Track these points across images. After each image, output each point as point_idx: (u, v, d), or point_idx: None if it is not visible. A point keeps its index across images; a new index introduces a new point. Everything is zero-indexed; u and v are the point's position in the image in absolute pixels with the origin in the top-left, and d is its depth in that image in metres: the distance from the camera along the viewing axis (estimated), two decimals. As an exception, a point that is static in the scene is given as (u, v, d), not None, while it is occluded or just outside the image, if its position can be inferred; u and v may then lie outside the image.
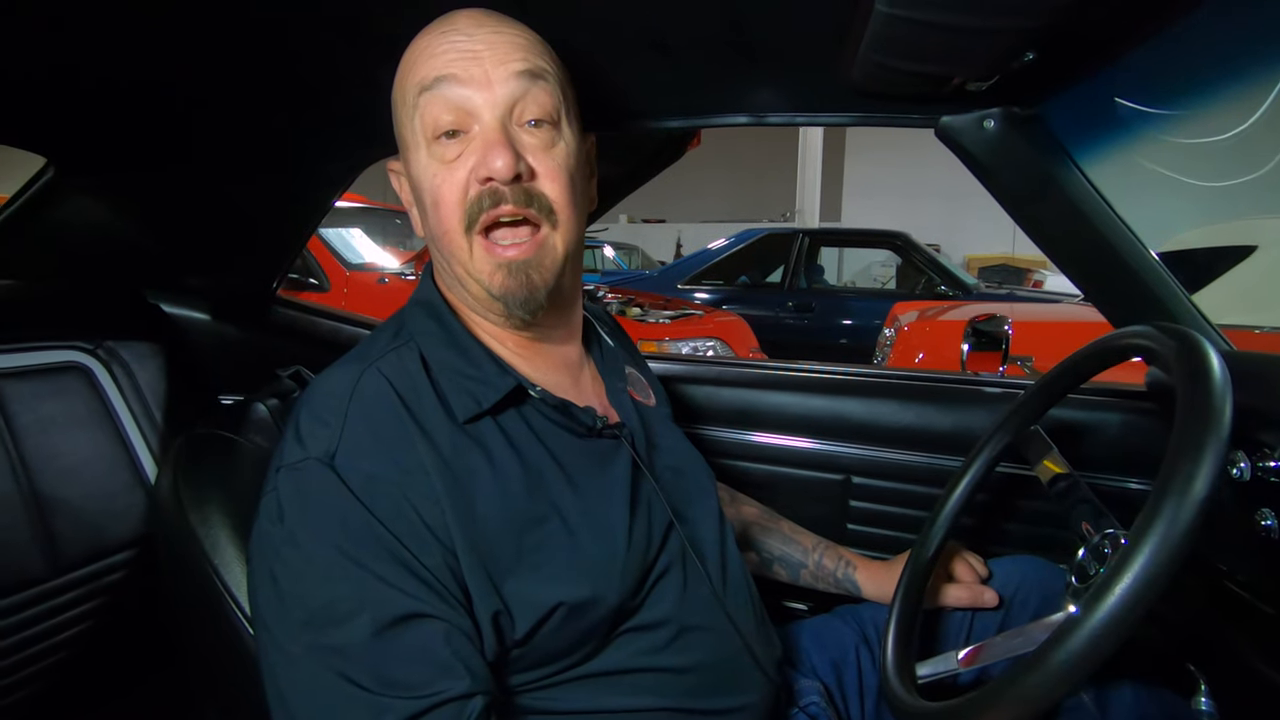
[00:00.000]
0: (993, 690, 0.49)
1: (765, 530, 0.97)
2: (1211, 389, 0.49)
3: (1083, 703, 0.80)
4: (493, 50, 0.60)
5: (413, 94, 0.61)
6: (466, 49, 0.60)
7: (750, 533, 0.97)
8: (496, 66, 0.60)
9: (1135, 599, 0.43)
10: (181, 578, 0.67)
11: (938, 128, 0.85)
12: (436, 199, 0.61)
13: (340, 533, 0.52)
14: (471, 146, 0.60)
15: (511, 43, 0.61)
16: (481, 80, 0.59)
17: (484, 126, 0.60)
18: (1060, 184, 0.83)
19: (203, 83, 0.83)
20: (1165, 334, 0.59)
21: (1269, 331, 2.23)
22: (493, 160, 0.58)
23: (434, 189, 0.61)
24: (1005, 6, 0.55)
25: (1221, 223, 3.11)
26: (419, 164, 0.62)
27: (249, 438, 0.76)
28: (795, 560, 0.94)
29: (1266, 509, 0.67)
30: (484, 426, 0.61)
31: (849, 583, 0.91)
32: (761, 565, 0.96)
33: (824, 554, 0.93)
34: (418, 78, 0.61)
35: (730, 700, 0.66)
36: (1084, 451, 0.98)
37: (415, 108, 0.61)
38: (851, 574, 0.91)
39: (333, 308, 1.45)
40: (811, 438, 1.14)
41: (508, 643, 0.56)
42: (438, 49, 0.60)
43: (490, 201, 0.60)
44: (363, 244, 3.66)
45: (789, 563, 0.95)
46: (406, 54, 0.64)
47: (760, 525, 0.97)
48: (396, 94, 0.64)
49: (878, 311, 4.31)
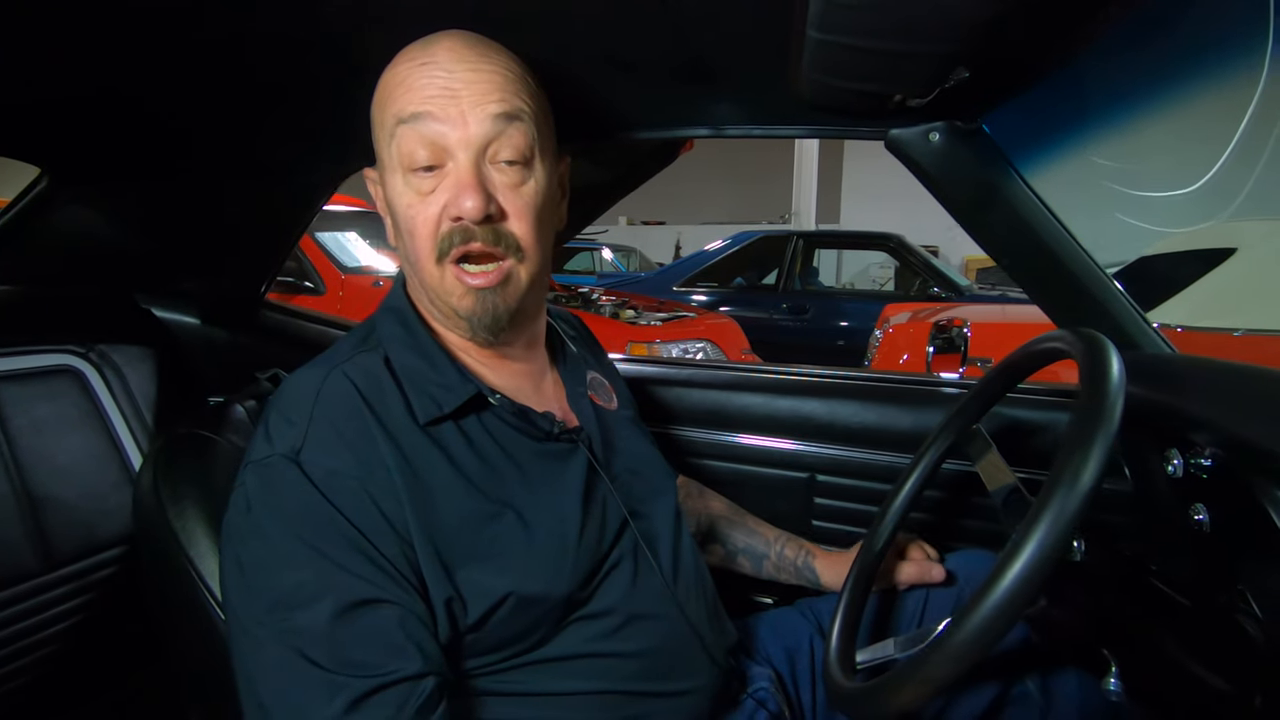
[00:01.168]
0: (904, 670, 0.52)
1: (731, 524, 1.01)
2: (1105, 389, 0.52)
3: (1028, 691, 0.83)
4: (470, 89, 0.62)
5: (390, 123, 0.63)
6: (445, 86, 0.62)
7: (717, 526, 1.01)
8: (474, 107, 0.62)
9: (1024, 583, 0.47)
10: (161, 572, 0.71)
11: (887, 140, 0.89)
12: (411, 228, 0.64)
13: (303, 523, 0.56)
14: (445, 183, 0.63)
15: (489, 81, 0.63)
16: (458, 120, 0.62)
17: (458, 165, 0.62)
18: (1004, 193, 0.87)
19: (191, 97, 0.87)
20: (1077, 337, 0.62)
21: (1246, 334, 2.27)
22: (464, 201, 0.61)
23: (409, 219, 0.64)
24: (925, 33, 0.58)
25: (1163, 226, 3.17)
26: (395, 188, 0.65)
27: (227, 437, 0.80)
28: (759, 552, 0.98)
29: (1199, 504, 0.71)
30: (445, 429, 0.65)
31: (808, 571, 0.95)
32: (727, 558, 1.00)
33: (785, 545, 0.97)
34: (395, 108, 0.63)
35: (677, 684, 0.70)
36: (1026, 447, 1.02)
37: (393, 136, 0.63)
38: (811, 563, 0.95)
39: (320, 312, 1.49)
40: (777, 437, 1.17)
41: (461, 628, 0.59)
42: (416, 82, 0.62)
43: (460, 239, 0.63)
44: (358, 247, 3.70)
45: (753, 554, 0.99)
46: (386, 77, 0.66)
47: (726, 519, 1.01)
48: (375, 115, 0.67)
49: (872, 313, 4.34)
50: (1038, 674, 0.82)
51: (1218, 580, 0.68)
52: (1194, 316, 2.42)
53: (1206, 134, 3.48)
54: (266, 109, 0.93)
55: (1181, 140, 3.93)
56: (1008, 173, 0.87)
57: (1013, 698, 0.82)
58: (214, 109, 0.91)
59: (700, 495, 1.05)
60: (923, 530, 0.99)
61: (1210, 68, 3.60)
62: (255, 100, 0.90)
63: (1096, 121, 0.73)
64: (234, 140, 1.02)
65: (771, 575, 0.98)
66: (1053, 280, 0.91)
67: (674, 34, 0.70)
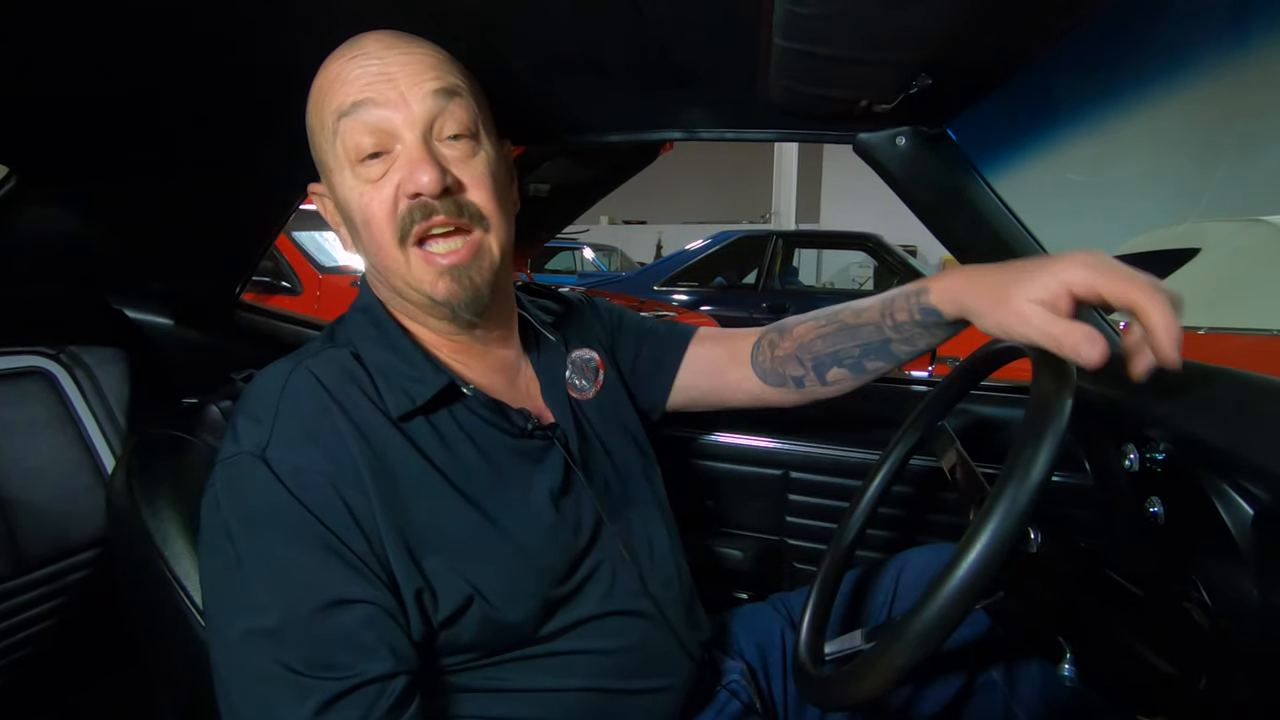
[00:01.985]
0: (866, 659, 0.54)
1: (830, 339, 0.80)
2: (1056, 386, 0.54)
3: (993, 679, 0.86)
4: (405, 70, 0.62)
5: (331, 119, 0.63)
6: (379, 71, 0.62)
7: (818, 350, 0.80)
8: (412, 86, 0.62)
9: (978, 572, 0.48)
10: (136, 574, 0.70)
11: (855, 144, 0.91)
12: (366, 217, 0.63)
13: (272, 522, 0.56)
14: (396, 165, 0.62)
15: (422, 62, 0.63)
16: (398, 101, 0.62)
17: (406, 145, 0.62)
18: (967, 195, 0.89)
19: (162, 96, 0.86)
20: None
21: (1209, 332, 2.33)
22: (419, 176, 0.61)
23: (363, 208, 0.63)
24: (885, 42, 0.60)
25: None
26: (345, 186, 0.64)
27: (202, 438, 0.79)
28: (876, 343, 0.76)
29: (1154, 497, 0.73)
30: (417, 424, 0.65)
31: (931, 315, 0.70)
32: (853, 375, 0.80)
33: (891, 311, 0.74)
34: (335, 104, 0.62)
35: (655, 680, 0.71)
36: (988, 442, 1.05)
37: (335, 133, 0.63)
38: (925, 302, 0.70)
39: (295, 312, 1.48)
40: (753, 434, 1.19)
41: (434, 623, 0.60)
42: (350, 74, 0.62)
43: (421, 214, 0.62)
44: (335, 247, 3.67)
45: (874, 351, 0.77)
46: (318, 80, 0.65)
47: (823, 336, 0.80)
48: (313, 120, 0.66)
49: (850, 312, 4.37)
50: (1002, 663, 0.84)
51: (1172, 570, 0.71)
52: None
53: (1164, 139, 3.64)
54: (239, 108, 0.92)
55: (1138, 145, 4.11)
56: (971, 175, 0.90)
57: (978, 686, 0.85)
58: (186, 108, 0.91)
59: (783, 338, 0.84)
60: (891, 525, 1.01)
61: (1161, 76, 3.78)
62: (229, 101, 0.90)
63: (1052, 128, 0.75)
64: (208, 140, 1.02)
65: (908, 353, 0.76)
66: None
67: (646, 38, 0.71)
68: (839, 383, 0.82)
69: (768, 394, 0.87)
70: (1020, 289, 0.58)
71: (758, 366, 0.86)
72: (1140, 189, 4.87)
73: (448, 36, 0.68)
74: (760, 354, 0.86)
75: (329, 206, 0.70)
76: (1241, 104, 4.81)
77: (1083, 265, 0.56)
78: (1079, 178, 4.28)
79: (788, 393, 0.86)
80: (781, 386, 0.85)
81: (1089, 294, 0.56)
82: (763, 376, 0.86)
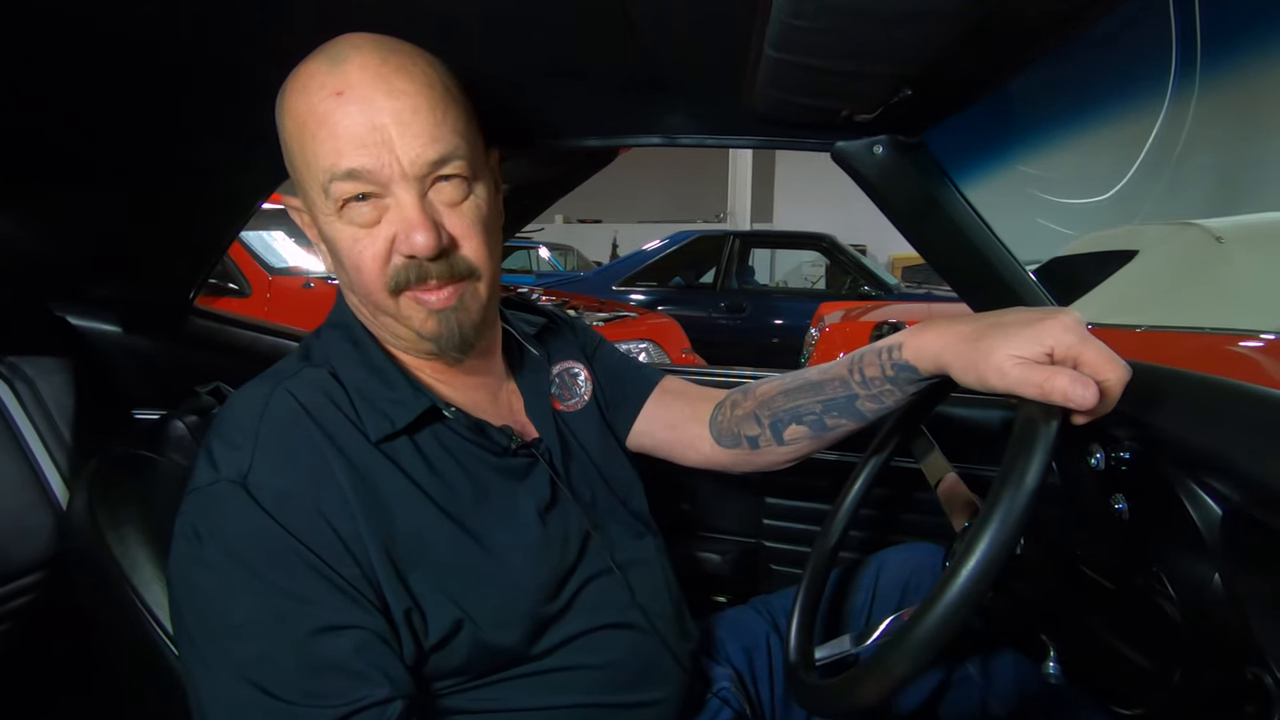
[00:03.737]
0: (868, 665, 0.55)
1: (792, 394, 0.78)
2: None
3: (969, 674, 0.88)
4: (399, 127, 0.58)
5: (321, 176, 0.59)
6: (371, 125, 0.57)
7: (780, 408, 0.79)
8: (407, 149, 0.58)
9: (978, 578, 0.50)
10: (99, 600, 0.67)
11: (833, 151, 0.92)
12: (357, 265, 0.61)
13: (257, 551, 0.54)
14: (389, 217, 0.60)
15: (415, 115, 0.59)
16: (392, 164, 0.58)
17: (400, 201, 0.59)
18: (941, 203, 0.92)
19: (97, 94, 0.81)
20: None
21: (1148, 330, 2.45)
22: (415, 237, 0.59)
23: (353, 255, 0.61)
24: (877, 56, 0.61)
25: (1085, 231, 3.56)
26: (332, 226, 0.61)
27: (168, 456, 0.76)
28: (842, 400, 0.73)
29: (1119, 494, 0.76)
30: (399, 445, 0.63)
31: (905, 371, 0.68)
32: (815, 435, 0.78)
33: (860, 367, 0.72)
34: (325, 162, 0.58)
35: (648, 693, 0.71)
36: (966, 445, 1.08)
37: (325, 188, 0.59)
38: (900, 359, 0.68)
39: (252, 317, 1.43)
40: None
41: (425, 645, 0.59)
42: (338, 124, 0.57)
43: (416, 275, 0.61)
44: (286, 247, 3.55)
45: (840, 409, 0.74)
46: (296, 103, 0.60)
47: (786, 393, 0.79)
48: (293, 146, 0.61)
49: (807, 311, 4.47)
50: (978, 658, 0.87)
51: (1135, 564, 0.74)
52: (1101, 314, 2.60)
53: (1117, 151, 3.97)
54: (180, 107, 0.87)
55: (1095, 156, 4.48)
56: (944, 183, 0.92)
57: (955, 681, 0.87)
58: (134, 111, 0.86)
59: (745, 398, 0.83)
60: (870, 525, 1.03)
61: (1121, 94, 4.19)
62: (180, 102, 0.85)
63: (1020, 139, 0.79)
64: (158, 141, 0.96)
65: (875, 411, 0.73)
66: (984, 285, 0.96)
67: (635, 48, 0.71)
68: (796, 442, 0.78)
69: (718, 456, 0.85)
70: (1001, 345, 0.56)
71: (715, 427, 0.85)
72: (1087, 195, 5.31)
73: (424, 40, 0.65)
74: (720, 414, 0.85)
75: (306, 221, 0.67)
76: (1181, 121, 5.23)
77: (1066, 330, 0.55)
78: (1036, 179, 4.67)
79: (741, 454, 0.83)
80: (735, 448, 0.83)
81: (1068, 359, 0.55)
82: (717, 437, 0.85)
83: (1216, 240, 2.49)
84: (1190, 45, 4.86)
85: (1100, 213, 5.28)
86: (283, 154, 0.64)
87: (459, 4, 0.63)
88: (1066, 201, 5.17)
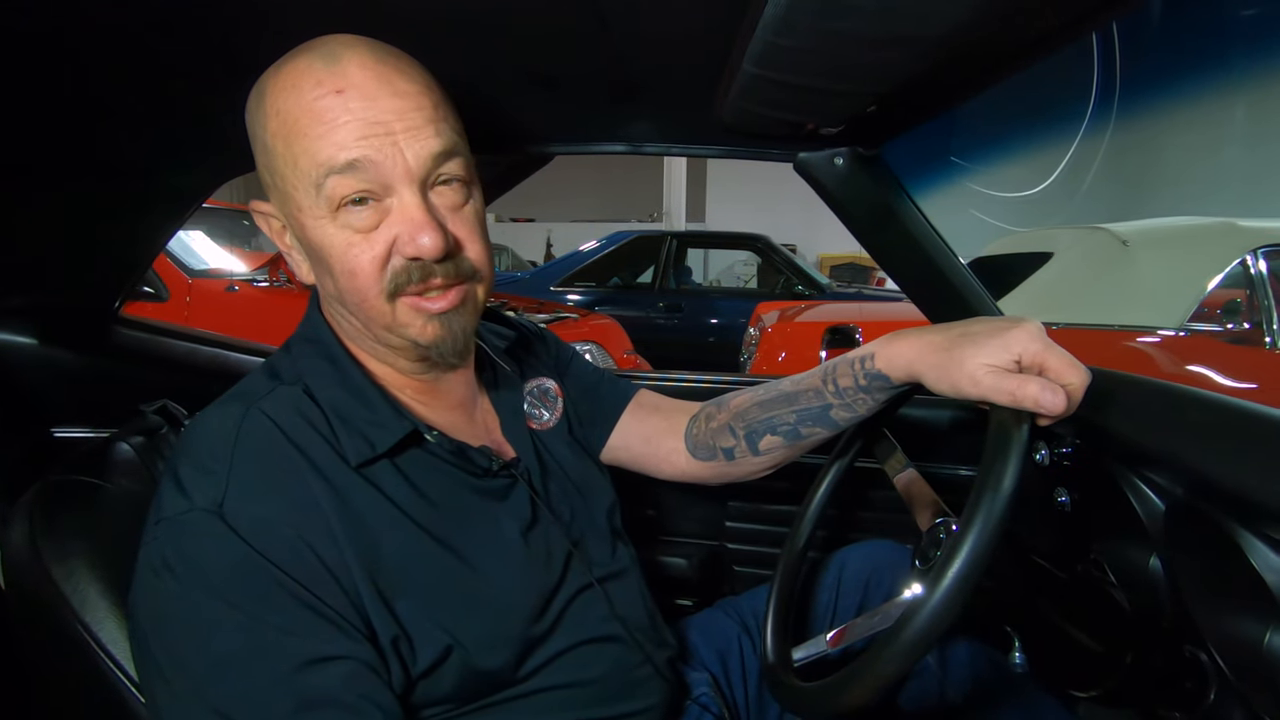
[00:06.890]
0: (857, 668, 0.56)
1: (766, 405, 0.80)
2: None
3: (928, 664, 0.92)
4: (402, 122, 0.56)
5: (315, 171, 0.56)
6: (374, 120, 0.56)
7: (754, 419, 0.80)
8: (411, 143, 0.57)
9: (966, 578, 0.52)
10: (44, 638, 0.61)
11: (795, 162, 0.95)
12: (351, 269, 0.58)
13: (235, 583, 0.51)
14: (390, 219, 0.58)
15: (418, 110, 0.57)
16: (396, 158, 0.56)
17: (403, 202, 0.58)
18: (897, 212, 0.96)
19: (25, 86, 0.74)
20: None
21: (1064, 327, 2.63)
22: (421, 239, 0.57)
23: (347, 260, 0.58)
24: (852, 75, 0.63)
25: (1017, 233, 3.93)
26: (322, 230, 0.58)
27: (114, 482, 0.70)
28: (816, 410, 0.75)
29: (1061, 488, 0.82)
30: (380, 468, 0.61)
31: (878, 380, 0.70)
32: (790, 445, 0.79)
33: (833, 377, 0.74)
34: (323, 155, 0.55)
35: (633, 704, 0.71)
36: (927, 446, 1.13)
37: (319, 185, 0.56)
38: (873, 369, 0.70)
39: (187, 327, 1.34)
40: None
41: (413, 673, 0.57)
42: (337, 118, 0.55)
43: (420, 275, 0.59)
44: (205, 248, 3.35)
45: (814, 419, 0.76)
46: (287, 102, 0.57)
47: (760, 404, 0.80)
48: (278, 146, 0.58)
49: (742, 310, 4.56)
50: (936, 649, 0.91)
51: (1076, 552, 0.79)
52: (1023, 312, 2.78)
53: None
54: (105, 105, 0.80)
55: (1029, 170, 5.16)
56: (900, 194, 0.96)
57: (914, 671, 0.91)
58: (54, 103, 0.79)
59: (720, 411, 0.85)
60: (833, 525, 1.06)
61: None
62: (107, 92, 0.78)
63: (968, 155, 0.85)
64: (79, 136, 0.88)
65: (847, 419, 0.75)
66: (934, 289, 1.01)
67: (609, 56, 0.71)
68: (771, 452, 0.80)
69: (694, 468, 0.87)
70: (972, 354, 0.59)
71: (690, 440, 0.87)
72: (1015, 202, 6.14)
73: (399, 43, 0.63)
74: (695, 427, 0.87)
75: (277, 229, 0.64)
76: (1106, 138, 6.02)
77: (1031, 338, 0.59)
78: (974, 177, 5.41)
79: (716, 466, 0.85)
80: (711, 460, 0.85)
81: (1034, 366, 0.58)
82: (692, 450, 0.86)
83: (1123, 244, 2.69)
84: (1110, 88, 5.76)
85: (1027, 208, 6.14)
86: (256, 155, 0.61)
87: (429, 9, 0.61)
88: (1000, 195, 5.98)
